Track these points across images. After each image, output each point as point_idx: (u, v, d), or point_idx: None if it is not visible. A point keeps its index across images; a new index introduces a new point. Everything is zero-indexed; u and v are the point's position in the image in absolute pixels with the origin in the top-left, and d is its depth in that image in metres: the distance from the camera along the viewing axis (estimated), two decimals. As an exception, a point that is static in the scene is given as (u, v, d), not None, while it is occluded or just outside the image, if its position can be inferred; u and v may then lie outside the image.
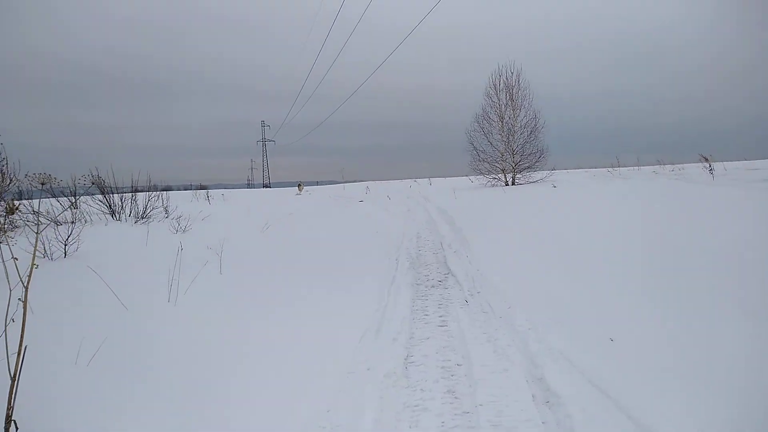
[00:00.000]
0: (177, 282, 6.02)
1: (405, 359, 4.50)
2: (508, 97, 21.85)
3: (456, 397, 3.75)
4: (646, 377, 3.58)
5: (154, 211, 13.48)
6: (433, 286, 7.08)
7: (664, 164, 24.58)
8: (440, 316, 5.72)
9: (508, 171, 22.04)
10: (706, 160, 15.62)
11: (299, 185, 34.39)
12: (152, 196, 13.90)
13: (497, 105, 22.02)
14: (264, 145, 78.70)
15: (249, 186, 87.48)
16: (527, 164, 21.78)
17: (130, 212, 13.00)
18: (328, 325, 5.43)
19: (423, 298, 6.49)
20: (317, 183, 65.44)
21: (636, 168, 24.51)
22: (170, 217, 13.75)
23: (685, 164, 24.08)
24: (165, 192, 18.63)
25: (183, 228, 11.41)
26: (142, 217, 12.88)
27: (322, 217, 14.71)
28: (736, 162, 22.55)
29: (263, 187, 73.50)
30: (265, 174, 79.34)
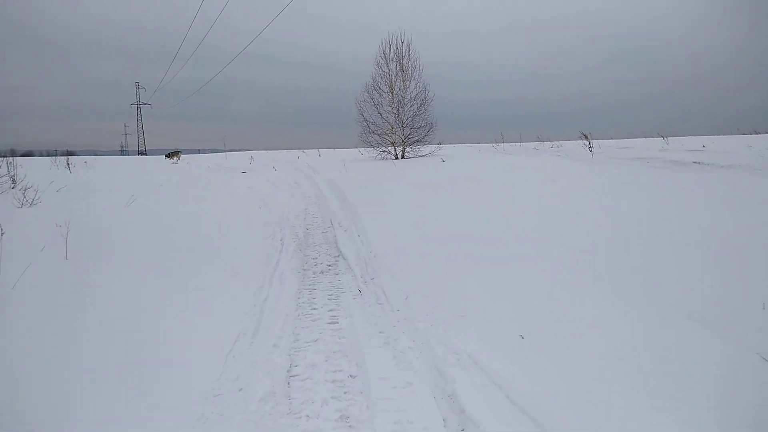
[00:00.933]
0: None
1: (287, 372, 3.67)
2: (398, 68, 21.28)
3: (350, 426, 2.99)
4: (570, 390, 3.06)
5: None
6: (322, 272, 6.28)
7: (544, 141, 25.70)
8: (330, 310, 4.94)
9: (398, 144, 21.64)
10: (586, 137, 16.23)
11: (173, 153, 30.46)
12: None
13: (387, 75, 21.37)
14: (139, 108, 71.64)
15: (123, 153, 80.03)
16: (417, 137, 21.51)
17: None
18: (194, 325, 4.43)
19: (310, 288, 5.66)
20: (198, 151, 61.07)
21: (518, 144, 25.35)
22: (17, 187, 11.60)
23: (563, 141, 25.33)
24: (13, 157, 15.92)
25: (30, 201, 9.53)
26: None
27: (199, 190, 13.18)
28: (609, 140, 24.07)
29: (138, 154, 67.40)
30: (141, 140, 72.67)
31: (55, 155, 55.73)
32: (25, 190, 10.89)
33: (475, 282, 5.11)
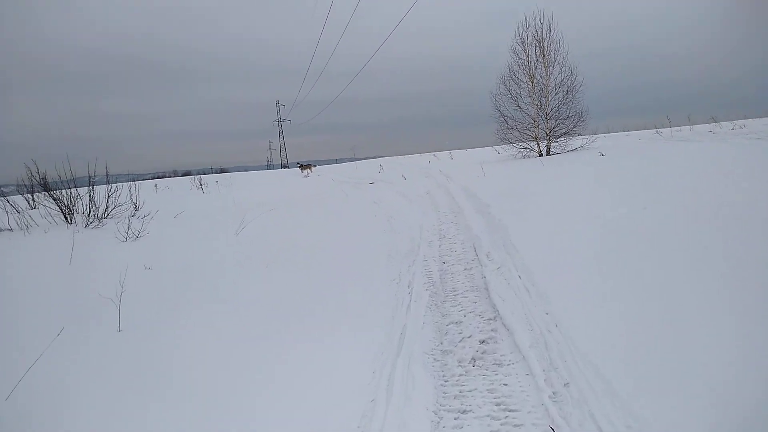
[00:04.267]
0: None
1: None
2: (538, 53, 17.91)
3: None
4: None
5: (117, 209, 10.49)
6: (473, 361, 3.76)
7: (720, 121, 20.52)
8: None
9: (542, 138, 18.32)
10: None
11: (305, 166, 29.76)
12: (112, 189, 10.79)
13: (526, 62, 18.08)
14: (280, 125, 75.29)
15: (268, 167, 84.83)
16: (564, 129, 18.00)
17: (89, 212, 9.94)
18: None
19: (455, 406, 3.18)
20: (336, 161, 62.07)
21: (688, 127, 20.49)
22: (137, 215, 10.77)
23: (743, 120, 19.99)
24: (134, 182, 15.65)
25: (135, 233, 8.31)
26: (102, 218, 9.88)
27: (320, 209, 11.43)
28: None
29: (281, 167, 70.65)
30: (283, 154, 76.28)
31: (210, 173, 60.25)
32: (143, 218, 10.05)
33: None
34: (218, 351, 4.11)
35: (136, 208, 11.41)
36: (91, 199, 10.11)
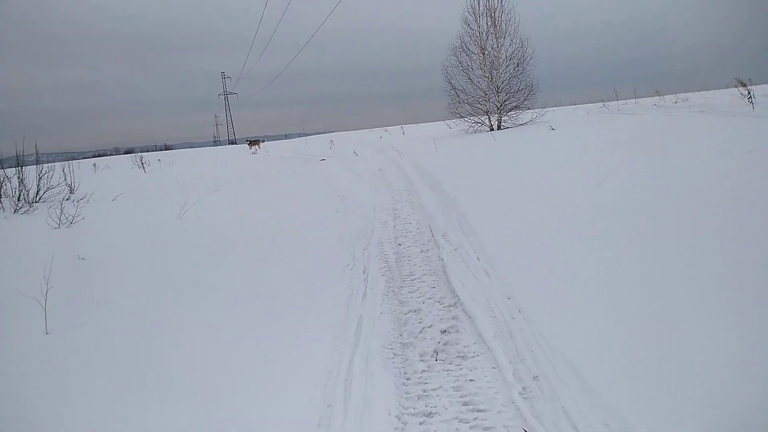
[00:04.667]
0: None
1: None
2: (489, 23, 17.72)
3: None
4: None
5: (50, 192, 9.59)
6: (435, 354, 3.49)
7: (664, 95, 21.09)
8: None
9: (493, 112, 18.26)
10: (743, 84, 12.05)
11: (253, 142, 28.93)
12: (43, 170, 9.84)
13: (477, 33, 17.89)
14: (226, 98, 72.33)
15: (215, 143, 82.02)
16: (514, 103, 18.01)
17: (19, 196, 9.01)
18: None
19: (420, 408, 2.91)
20: (285, 137, 60.55)
21: (634, 101, 20.94)
22: (72, 198, 9.90)
23: (686, 94, 20.62)
24: (69, 162, 14.54)
25: (69, 219, 7.56)
26: (33, 202, 8.99)
27: (268, 187, 10.89)
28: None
29: (228, 143, 68.30)
30: (230, 129, 73.65)
31: (154, 150, 57.55)
32: (77, 201, 9.26)
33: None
34: (149, 349, 3.68)
35: (71, 191, 10.53)
36: (20, 181, 9.21)
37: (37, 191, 9.27)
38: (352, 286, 4.82)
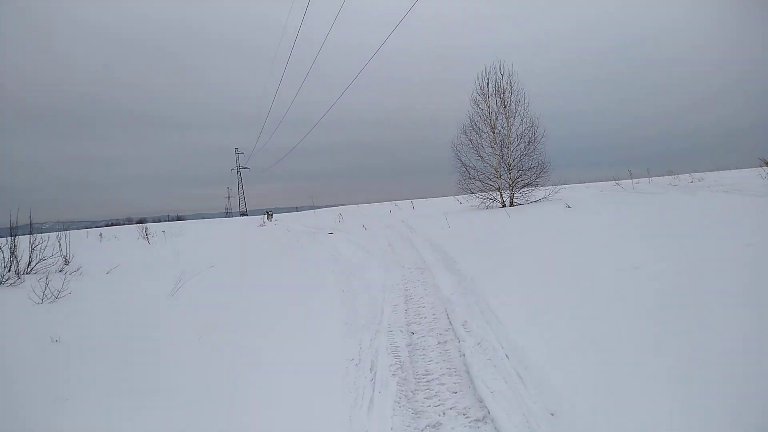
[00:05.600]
0: None
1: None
2: (499, 104, 17.72)
3: None
4: None
5: (43, 263, 9.03)
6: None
7: (677, 174, 20.71)
8: None
9: (505, 189, 17.82)
10: (767, 164, 11.56)
11: (267, 214, 29.46)
12: (36, 240, 9.31)
13: (487, 113, 17.85)
14: (239, 172, 73.63)
15: (227, 215, 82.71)
16: (527, 180, 17.60)
17: (10, 267, 8.43)
18: None
19: None
20: (296, 209, 60.82)
21: (648, 180, 20.51)
22: (65, 270, 9.31)
23: (702, 173, 20.21)
24: (65, 231, 14.12)
25: (55, 293, 6.89)
26: (24, 273, 8.42)
27: (271, 264, 10.21)
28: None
29: (240, 215, 68.69)
30: (242, 202, 74.37)
31: (167, 220, 57.74)
32: (67, 273, 8.71)
33: None
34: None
35: (66, 262, 9.94)
36: (12, 251, 8.65)
37: (29, 262, 8.70)
38: (357, 388, 4.00)
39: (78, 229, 40.41)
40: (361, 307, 6.43)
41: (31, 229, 9.56)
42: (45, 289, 6.81)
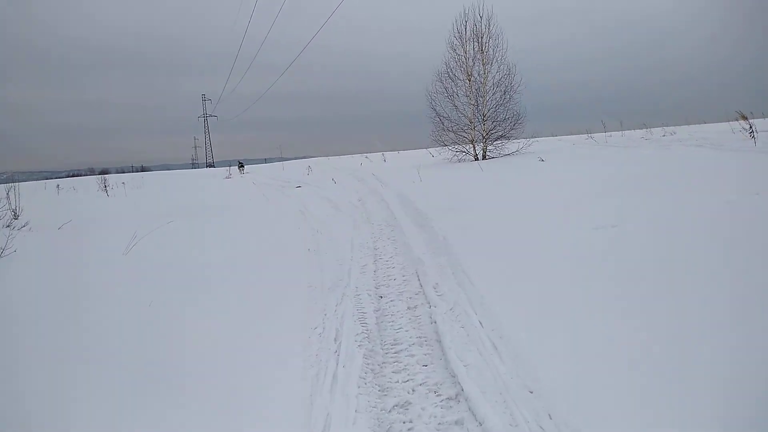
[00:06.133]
0: None
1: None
2: (476, 49, 17.02)
3: None
4: None
5: None
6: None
7: (651, 127, 20.54)
8: None
9: (478, 141, 17.41)
10: (744, 118, 11.37)
11: (238, 165, 28.74)
12: None
13: (464, 59, 17.15)
14: (206, 120, 71.01)
15: (193, 166, 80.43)
16: (500, 132, 17.21)
17: None
18: None
19: None
20: (265, 161, 59.28)
21: (620, 133, 20.34)
22: (13, 225, 8.62)
23: (673, 127, 20.10)
24: (24, 182, 13.22)
25: None
26: None
27: (235, 218, 9.67)
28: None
29: (207, 166, 66.68)
30: (209, 152, 72.11)
31: (131, 171, 55.67)
32: (15, 228, 8.11)
33: None
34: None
35: (15, 216, 9.21)
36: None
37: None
38: (320, 361, 3.63)
39: (37, 180, 38.60)
40: (327, 268, 6.03)
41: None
42: (-15, 246, 6.21)
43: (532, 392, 2.95)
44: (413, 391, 3.23)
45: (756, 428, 2.35)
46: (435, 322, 4.15)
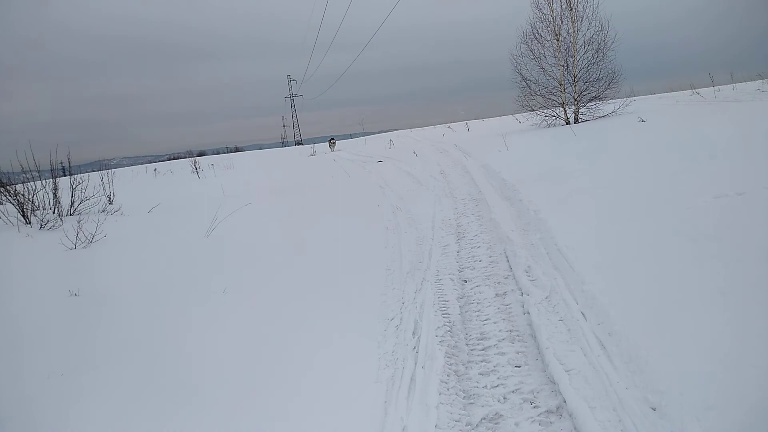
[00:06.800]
0: None
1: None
2: (564, 6, 15.51)
3: None
4: None
5: (86, 204, 8.67)
6: None
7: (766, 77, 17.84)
8: None
9: (569, 104, 16.03)
10: None
11: (330, 141, 28.47)
12: (77, 180, 8.83)
13: (551, 18, 15.70)
14: (292, 100, 72.81)
15: (283, 144, 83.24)
16: (594, 93, 15.68)
17: (54, 209, 8.18)
18: None
19: None
20: (350, 136, 59.95)
21: (731, 86, 17.87)
22: (108, 210, 8.99)
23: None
24: (110, 170, 13.85)
25: (89, 238, 6.51)
26: (67, 215, 8.15)
27: (316, 198, 9.52)
28: None
29: (295, 144, 68.75)
30: (296, 130, 74.28)
31: (225, 152, 58.62)
32: (109, 213, 8.47)
33: None
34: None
35: (110, 201, 9.67)
36: (54, 193, 8.35)
37: (71, 204, 8.38)
38: (396, 360, 3.24)
39: (143, 164, 41.70)
40: (406, 249, 5.61)
41: (70, 170, 9.27)
42: (78, 233, 6.41)
43: (654, 409, 2.36)
44: (504, 399, 2.76)
45: None
46: (528, 313, 3.61)
